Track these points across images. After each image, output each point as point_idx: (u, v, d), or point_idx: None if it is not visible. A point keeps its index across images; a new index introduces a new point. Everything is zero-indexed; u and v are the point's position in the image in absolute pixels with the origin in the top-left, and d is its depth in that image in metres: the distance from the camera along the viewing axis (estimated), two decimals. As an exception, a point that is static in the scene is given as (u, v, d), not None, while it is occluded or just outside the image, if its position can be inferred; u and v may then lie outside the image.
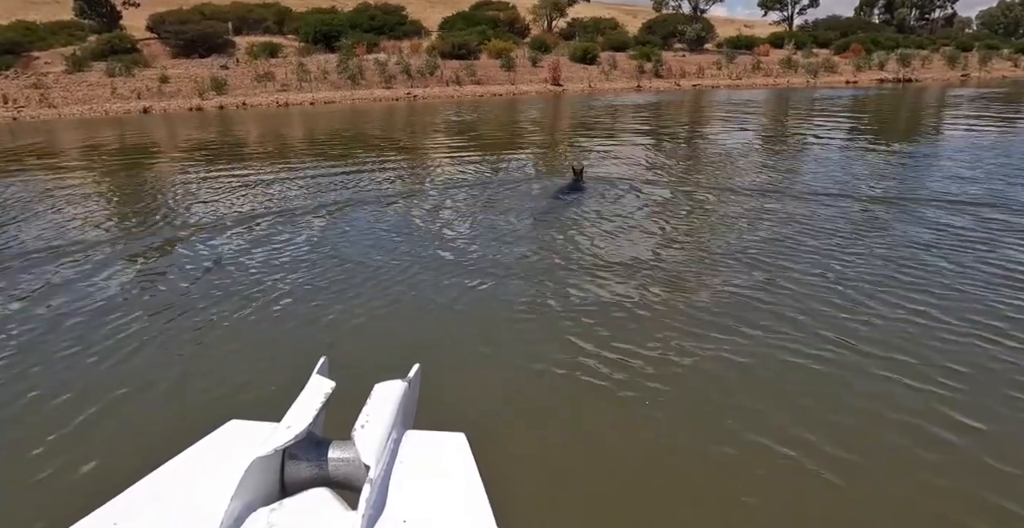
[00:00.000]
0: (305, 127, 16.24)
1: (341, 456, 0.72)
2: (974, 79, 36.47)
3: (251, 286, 3.97)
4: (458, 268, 4.21)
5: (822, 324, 3.25)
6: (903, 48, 41.26)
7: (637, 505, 2.01)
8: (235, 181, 7.87)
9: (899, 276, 3.91)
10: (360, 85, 27.35)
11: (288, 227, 5.48)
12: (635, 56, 34.80)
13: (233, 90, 25.19)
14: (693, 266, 4.23)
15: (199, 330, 3.33)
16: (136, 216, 6.32)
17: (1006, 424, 2.40)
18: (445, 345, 3.14)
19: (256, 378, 2.78)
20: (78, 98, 23.37)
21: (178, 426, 2.37)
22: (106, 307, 3.67)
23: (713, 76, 34.70)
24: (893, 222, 5.22)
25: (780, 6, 56.49)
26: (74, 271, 4.39)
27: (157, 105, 22.59)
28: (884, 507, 2.01)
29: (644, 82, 32.30)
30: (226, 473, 0.64)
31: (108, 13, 34.45)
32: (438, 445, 0.80)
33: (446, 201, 6.38)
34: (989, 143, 10.20)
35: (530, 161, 9.22)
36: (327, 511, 0.65)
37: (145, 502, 0.65)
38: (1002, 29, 64.18)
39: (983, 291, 3.69)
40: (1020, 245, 4.53)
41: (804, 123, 14.51)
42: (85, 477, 2.17)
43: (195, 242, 5.09)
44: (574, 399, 2.61)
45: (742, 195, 6.38)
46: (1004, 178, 6.93)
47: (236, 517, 0.62)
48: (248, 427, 0.80)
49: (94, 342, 3.19)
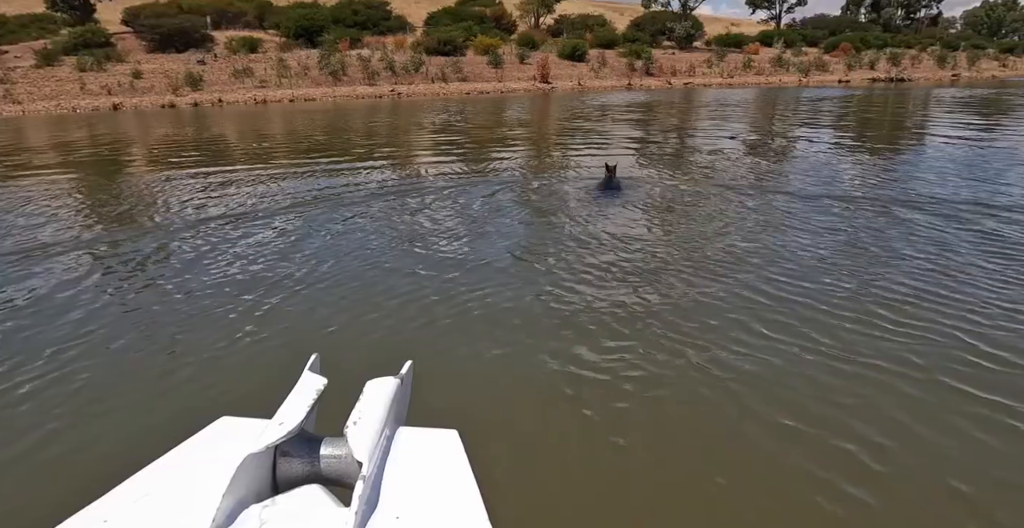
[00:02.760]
0: (284, 126, 15.38)
1: (333, 453, 0.72)
2: (964, 79, 36.31)
3: (240, 283, 3.86)
4: (452, 267, 4.09)
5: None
6: (892, 47, 41.18)
7: (630, 503, 1.97)
8: (212, 181, 7.43)
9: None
10: (342, 82, 26.49)
11: (280, 227, 5.26)
12: (625, 54, 34.20)
13: (209, 86, 24.23)
14: (706, 271, 4.01)
15: (189, 327, 3.24)
16: (113, 217, 5.93)
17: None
18: (438, 342, 3.06)
19: (247, 375, 2.73)
20: (45, 94, 22.31)
21: (169, 423, 2.33)
22: (90, 306, 3.55)
23: (705, 74, 34.18)
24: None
25: (768, 4, 56.33)
26: (56, 269, 4.24)
27: (128, 101, 21.57)
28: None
29: (635, 80, 31.69)
30: (218, 470, 0.64)
31: (81, 6, 33.31)
32: (431, 442, 0.79)
33: (446, 202, 6.10)
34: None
35: (520, 163, 8.54)
36: (320, 508, 0.65)
37: (136, 499, 0.64)
38: (985, 29, 64.95)
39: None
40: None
41: (828, 127, 13.91)
42: (74, 474, 2.12)
43: (178, 241, 4.88)
44: (570, 397, 2.54)
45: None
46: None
47: (228, 514, 0.61)
48: (240, 424, 0.79)
49: (79, 339, 3.10)
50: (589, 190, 6.35)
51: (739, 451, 2.19)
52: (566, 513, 1.94)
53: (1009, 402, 2.43)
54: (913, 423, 2.31)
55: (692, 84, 31.80)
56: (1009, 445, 2.19)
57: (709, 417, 2.39)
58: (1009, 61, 44.09)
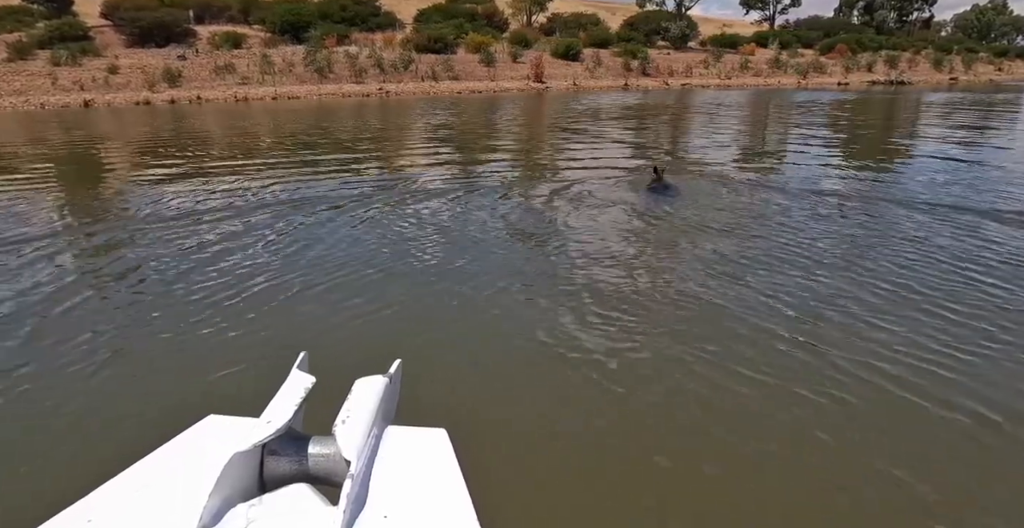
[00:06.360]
0: (266, 126, 14.44)
1: (321, 451, 0.71)
2: (962, 82, 35.89)
3: (227, 282, 3.76)
4: (443, 267, 4.04)
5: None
6: (887, 50, 40.79)
7: (622, 503, 1.90)
8: (194, 182, 7.05)
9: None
10: (328, 79, 25.54)
11: (265, 229, 5.06)
12: (620, 53, 33.45)
13: (188, 82, 23.21)
14: (694, 270, 3.95)
15: (175, 325, 3.15)
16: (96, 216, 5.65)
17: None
18: (427, 341, 3.01)
19: (235, 374, 2.66)
20: (15, 89, 21.24)
21: (155, 422, 2.28)
22: (77, 305, 3.43)
23: (702, 75, 33.50)
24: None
25: (762, 5, 55.91)
26: (40, 267, 4.10)
27: (101, 98, 20.50)
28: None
29: (631, 80, 30.93)
30: (204, 468, 0.64)
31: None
32: (419, 440, 0.78)
33: (436, 205, 5.91)
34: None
35: (510, 170, 7.73)
36: (307, 506, 0.65)
37: (121, 498, 0.64)
38: (975, 33, 65.00)
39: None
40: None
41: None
42: (58, 473, 2.05)
43: (156, 243, 4.68)
44: (560, 398, 2.50)
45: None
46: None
47: (215, 513, 0.61)
48: (227, 422, 0.78)
49: (67, 339, 2.99)
50: (569, 198, 6.07)
51: (740, 450, 2.13)
52: (564, 513, 1.88)
53: None
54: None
55: (690, 85, 31.09)
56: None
57: (709, 417, 2.33)
58: (1005, 65, 43.88)
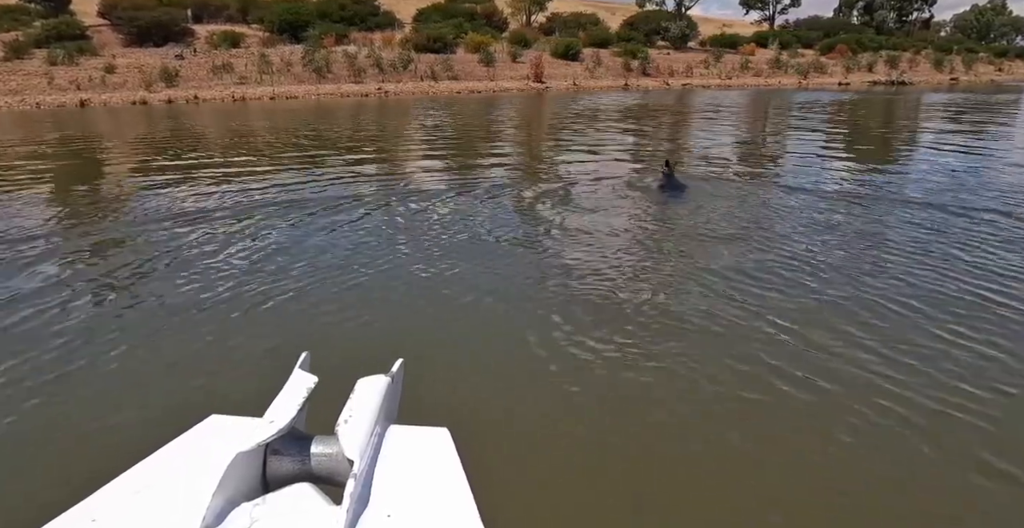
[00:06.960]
0: (263, 125, 14.29)
1: (324, 451, 0.71)
2: (963, 82, 35.79)
3: (230, 282, 3.78)
4: (445, 268, 4.03)
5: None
6: (887, 50, 40.68)
7: (624, 501, 1.92)
8: (196, 184, 6.97)
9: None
10: (327, 79, 25.38)
11: (268, 229, 5.05)
12: (620, 53, 33.32)
13: (185, 82, 23.04)
14: (681, 271, 3.98)
15: (177, 326, 3.17)
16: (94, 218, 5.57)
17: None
18: (429, 340, 3.03)
19: (237, 373, 2.69)
20: (11, 88, 21.07)
21: (157, 421, 2.26)
22: (77, 306, 3.44)
23: (702, 75, 33.38)
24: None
25: (762, 5, 55.79)
26: (39, 267, 4.13)
27: (97, 97, 20.34)
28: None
29: (632, 80, 30.80)
30: (207, 468, 0.64)
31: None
32: (422, 440, 0.78)
33: (437, 206, 5.90)
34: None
35: (510, 171, 7.59)
36: (310, 506, 0.65)
37: (124, 498, 0.64)
38: (975, 33, 64.89)
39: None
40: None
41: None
42: (61, 473, 2.05)
43: (164, 242, 4.70)
44: (561, 397, 2.48)
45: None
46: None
47: (218, 512, 0.61)
48: (229, 422, 0.77)
49: (69, 339, 3.01)
50: (571, 199, 6.03)
51: (742, 450, 2.13)
52: (566, 512, 1.89)
53: None
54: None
55: (690, 85, 30.97)
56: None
57: (712, 417, 2.33)
58: (1005, 65, 43.80)
